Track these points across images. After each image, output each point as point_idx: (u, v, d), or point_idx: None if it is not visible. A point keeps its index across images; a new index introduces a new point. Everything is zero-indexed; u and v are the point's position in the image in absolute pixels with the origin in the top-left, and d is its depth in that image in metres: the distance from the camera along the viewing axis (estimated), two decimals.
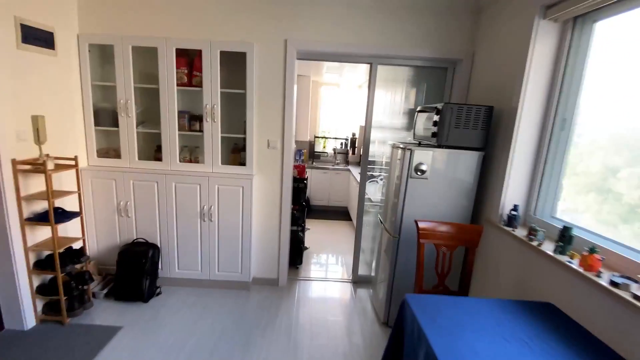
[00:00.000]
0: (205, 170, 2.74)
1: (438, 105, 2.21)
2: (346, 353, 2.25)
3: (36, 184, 2.26)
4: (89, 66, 2.61)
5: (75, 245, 2.44)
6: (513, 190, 2.11)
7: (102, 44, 2.61)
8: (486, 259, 2.23)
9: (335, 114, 6.19)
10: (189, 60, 2.67)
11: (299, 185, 3.21)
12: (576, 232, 1.69)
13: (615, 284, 1.35)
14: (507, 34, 2.21)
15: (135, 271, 2.63)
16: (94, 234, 2.78)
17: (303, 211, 3.29)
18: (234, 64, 2.72)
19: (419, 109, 2.56)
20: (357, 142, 6.03)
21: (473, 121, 2.18)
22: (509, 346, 1.27)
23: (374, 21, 2.63)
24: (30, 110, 2.20)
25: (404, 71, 2.95)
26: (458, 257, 2.31)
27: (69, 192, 2.39)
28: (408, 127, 3.06)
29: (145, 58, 2.69)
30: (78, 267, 2.45)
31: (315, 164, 5.77)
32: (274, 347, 2.25)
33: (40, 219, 2.22)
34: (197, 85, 2.66)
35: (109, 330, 2.31)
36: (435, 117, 2.21)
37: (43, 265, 2.29)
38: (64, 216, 2.32)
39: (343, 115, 6.18)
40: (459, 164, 2.24)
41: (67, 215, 2.35)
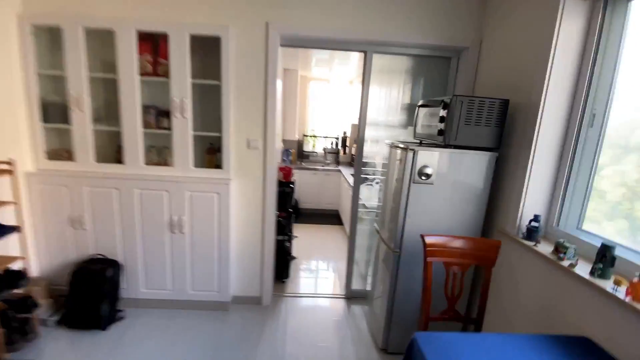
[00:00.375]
0: (175, 174, 2.36)
1: (445, 98, 1.89)
2: None
3: None
4: (33, 52, 2.19)
5: (15, 265, 2.04)
6: (533, 198, 1.80)
7: (49, 25, 2.19)
8: (501, 278, 1.92)
9: (326, 111, 5.84)
10: (154, 45, 2.28)
11: (285, 190, 2.85)
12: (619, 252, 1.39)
13: None
14: (525, 17, 1.90)
15: (91, 293, 2.24)
16: (43, 250, 2.37)
17: (290, 219, 2.94)
18: (207, 50, 2.34)
19: (420, 103, 2.24)
20: (349, 141, 5.70)
21: (486, 117, 1.86)
22: None
23: (369, 3, 2.30)
24: None
25: (402, 61, 2.62)
26: (468, 277, 2.01)
27: (3, 203, 1.98)
28: (406, 124, 2.73)
29: (102, 43, 2.29)
30: (19, 292, 2.05)
31: (304, 165, 5.42)
32: None
33: None
34: (164, 75, 2.28)
35: None
36: (442, 112, 1.88)
37: None
38: None
39: (333, 113, 5.84)
40: (469, 166, 1.93)
41: (2, 230, 1.95)
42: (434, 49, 2.46)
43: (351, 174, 4.65)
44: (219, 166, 2.39)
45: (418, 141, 2.30)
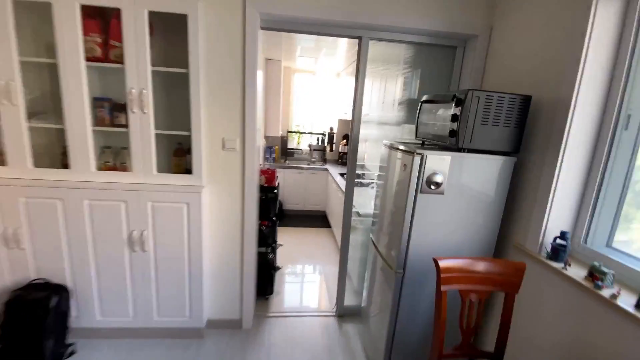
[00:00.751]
0: (134, 180, 1.96)
1: (457, 92, 1.60)
2: None
3: None
4: None
5: None
6: (559, 210, 1.54)
7: None
8: (521, 306, 1.65)
9: (311, 106, 5.49)
10: (104, 24, 1.87)
11: (268, 196, 2.51)
12: None
13: None
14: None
15: (32, 327, 1.83)
16: None
17: (274, 227, 2.60)
18: (172, 32, 1.96)
19: (424, 98, 1.94)
20: (336, 138, 5.39)
21: (505, 116, 1.58)
22: None
23: None
24: None
25: (400, 50, 2.31)
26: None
27: None
28: (402, 122, 2.44)
29: (38, 19, 1.86)
30: None
31: (288, 163, 5.07)
32: None
33: None
34: (117, 61, 1.87)
35: None
36: (455, 110, 1.59)
37: None
38: None
39: (319, 107, 5.50)
40: (484, 173, 1.65)
41: None
42: (437, 37, 2.16)
43: (340, 173, 4.36)
44: (189, 171, 2.01)
45: (420, 142, 2.02)
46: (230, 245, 2.24)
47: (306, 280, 3.19)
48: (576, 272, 1.40)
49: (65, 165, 1.95)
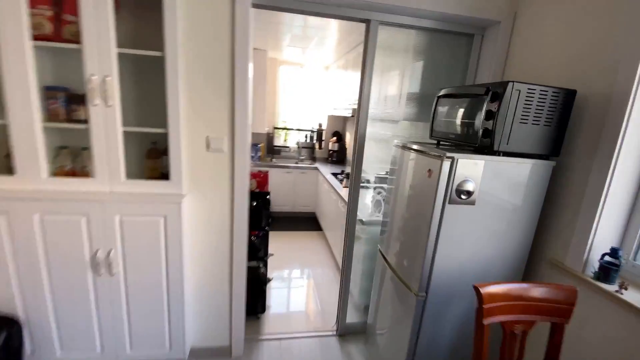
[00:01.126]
0: (98, 188, 1.61)
1: (492, 86, 1.35)
2: None
3: None
4: None
5: None
6: (609, 223, 1.34)
7: None
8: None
9: (299, 101, 5.17)
10: None
11: (259, 203, 2.19)
12: None
13: None
14: None
15: None
16: None
17: (266, 238, 2.29)
18: (144, 6, 1.61)
19: (442, 92, 1.69)
20: (325, 135, 5.10)
21: (547, 113, 1.35)
22: None
23: None
24: None
25: (409, 38, 2.05)
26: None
27: None
28: (411, 118, 2.19)
29: None
30: None
31: (275, 162, 4.74)
32: None
33: None
34: (73, 40, 1.50)
35: None
36: (490, 106, 1.34)
37: None
38: None
39: (308, 103, 5.19)
40: (520, 179, 1.42)
41: None
42: (454, 23, 1.91)
43: (332, 173, 4.09)
44: (166, 176, 1.67)
45: (435, 141, 1.77)
46: (216, 263, 1.92)
47: (300, 292, 2.91)
48: (634, 297, 1.20)
49: (10, 170, 1.57)
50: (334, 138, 5.04)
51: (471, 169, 1.35)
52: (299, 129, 5.18)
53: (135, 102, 1.72)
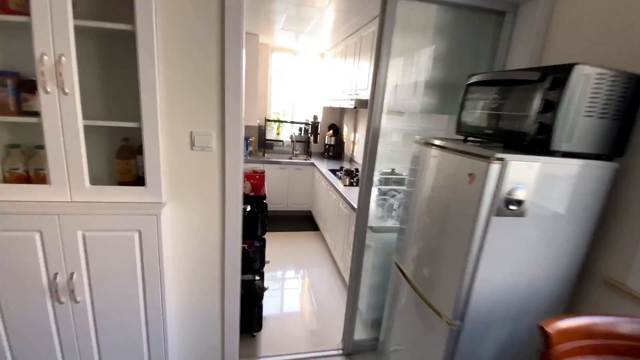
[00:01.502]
0: (55, 198, 1.29)
1: (550, 70, 1.08)
2: None
3: None
4: None
5: None
6: None
7: None
8: None
9: (293, 91, 4.84)
10: None
11: (255, 208, 1.90)
12: None
13: None
14: None
15: None
16: None
17: (262, 247, 2.01)
18: None
19: (474, 79, 1.42)
20: (320, 128, 4.80)
21: (616, 104, 1.10)
22: None
23: None
24: None
25: (430, 15, 1.77)
26: None
27: None
28: (430, 110, 1.92)
29: None
30: None
31: (268, 157, 4.43)
32: None
33: None
34: (21, 12, 1.17)
35: None
36: (548, 95, 1.08)
37: None
38: None
39: (302, 93, 4.86)
40: (579, 184, 1.17)
41: None
42: None
43: (330, 170, 3.79)
44: (142, 180, 1.37)
45: (462, 137, 1.51)
46: (205, 280, 1.64)
47: (299, 303, 2.64)
48: None
49: None
50: (330, 131, 4.75)
51: (524, 173, 1.09)
52: (292, 122, 4.86)
53: (102, 90, 1.39)
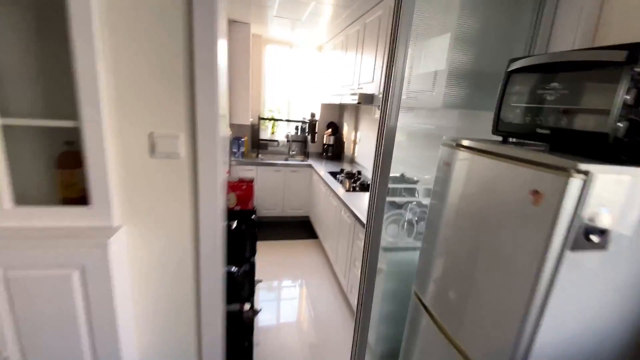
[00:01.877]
0: None
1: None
2: None
3: None
4: None
5: None
6: None
7: None
8: None
9: (288, 87, 4.50)
10: None
11: (241, 225, 1.57)
12: None
13: None
14: None
15: None
16: None
17: (251, 271, 1.67)
18: None
19: (517, 65, 1.09)
20: (318, 127, 4.47)
21: None
22: None
23: None
24: None
25: None
26: None
27: None
28: (451, 104, 1.59)
29: None
30: None
31: (262, 158, 4.09)
32: None
33: None
34: None
35: None
36: None
37: None
38: None
39: (298, 89, 4.53)
40: None
41: None
42: None
43: (330, 172, 3.43)
44: (82, 200, 1.03)
45: (499, 139, 1.19)
46: (176, 320, 1.30)
47: (297, 331, 2.32)
48: None
49: None
50: (329, 130, 4.42)
51: (612, 191, 0.77)
52: (288, 120, 4.52)
53: (30, 79, 1.05)
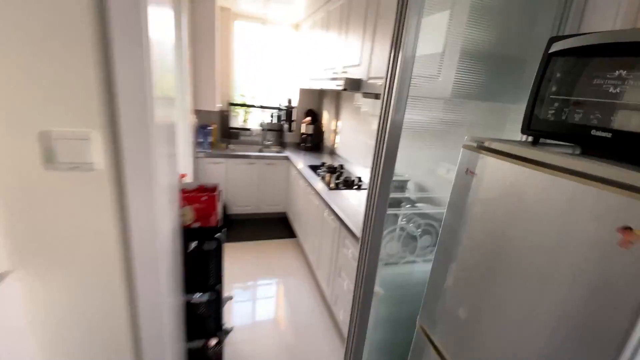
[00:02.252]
0: None
1: None
2: None
3: None
4: None
5: None
6: None
7: None
8: None
9: (262, 69, 4.07)
10: None
11: (201, 246, 1.22)
12: None
13: None
14: None
15: None
16: None
17: (218, 299, 1.35)
18: None
19: (564, 45, 0.81)
20: (296, 114, 4.10)
21: None
22: None
23: None
24: None
25: None
26: None
27: None
28: (464, 94, 1.31)
29: None
30: None
31: (233, 149, 3.68)
32: None
33: None
34: None
35: None
36: None
37: None
38: None
39: (273, 72, 4.11)
40: None
41: None
42: None
43: (309, 166, 3.02)
44: None
45: (531, 139, 0.93)
46: None
47: (275, 349, 2.03)
48: None
49: None
50: (308, 118, 4.06)
51: None
52: (262, 107, 4.11)
53: None
